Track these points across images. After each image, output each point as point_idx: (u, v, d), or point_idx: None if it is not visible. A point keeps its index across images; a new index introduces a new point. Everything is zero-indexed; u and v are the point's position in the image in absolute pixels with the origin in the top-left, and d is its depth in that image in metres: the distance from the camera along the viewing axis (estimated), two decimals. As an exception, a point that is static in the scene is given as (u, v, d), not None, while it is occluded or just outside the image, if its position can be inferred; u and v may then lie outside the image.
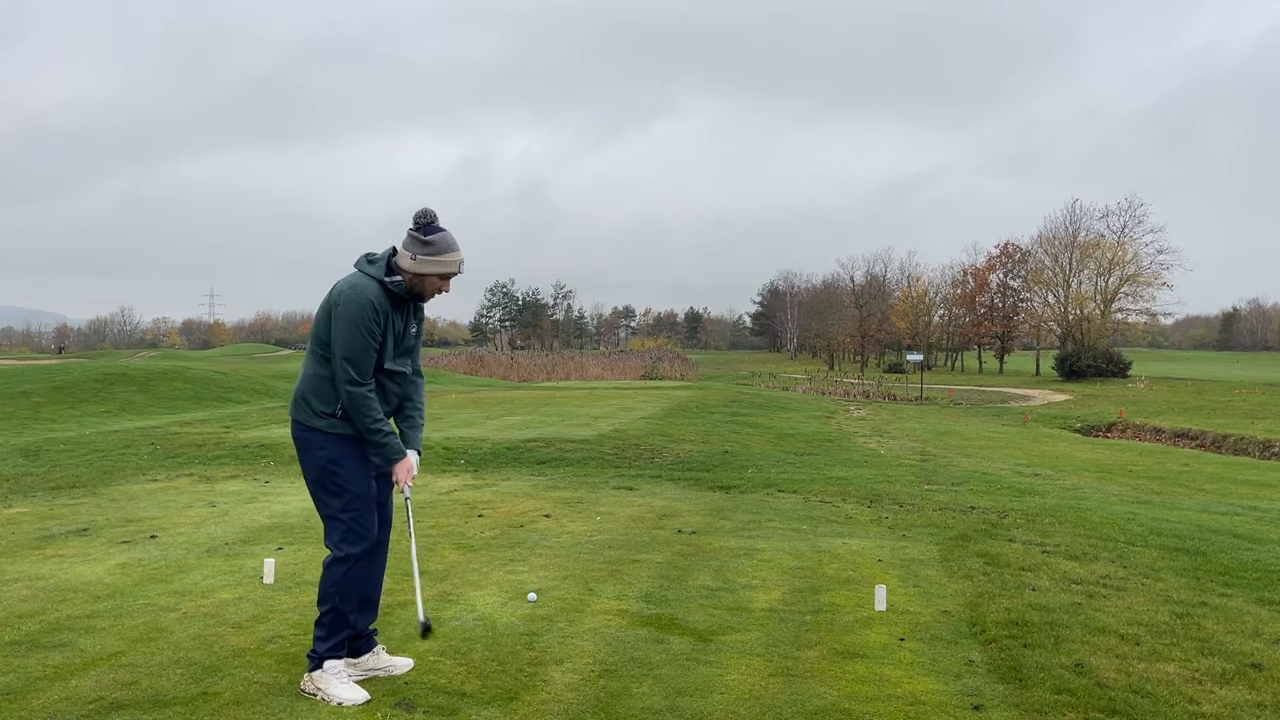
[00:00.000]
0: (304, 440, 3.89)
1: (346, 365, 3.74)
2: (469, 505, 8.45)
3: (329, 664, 3.87)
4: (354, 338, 3.74)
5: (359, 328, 3.73)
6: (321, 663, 3.87)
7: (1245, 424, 28.53)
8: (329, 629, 3.89)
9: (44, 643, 4.38)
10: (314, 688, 3.83)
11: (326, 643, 3.88)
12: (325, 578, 3.90)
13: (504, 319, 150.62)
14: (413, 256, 3.84)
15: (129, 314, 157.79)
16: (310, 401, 3.86)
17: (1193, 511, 9.45)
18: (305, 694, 3.84)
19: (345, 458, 3.86)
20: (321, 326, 3.84)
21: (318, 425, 3.85)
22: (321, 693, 3.80)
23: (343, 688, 3.81)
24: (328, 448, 3.85)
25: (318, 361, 3.86)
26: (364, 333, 3.75)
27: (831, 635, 4.68)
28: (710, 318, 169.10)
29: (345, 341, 3.74)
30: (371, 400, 3.81)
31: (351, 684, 3.85)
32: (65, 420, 19.04)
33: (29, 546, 6.52)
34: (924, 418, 28.53)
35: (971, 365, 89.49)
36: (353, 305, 3.74)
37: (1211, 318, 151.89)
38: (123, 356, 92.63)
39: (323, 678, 3.84)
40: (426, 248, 3.84)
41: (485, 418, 18.89)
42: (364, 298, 3.75)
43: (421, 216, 3.85)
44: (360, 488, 3.89)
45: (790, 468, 12.91)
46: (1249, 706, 3.88)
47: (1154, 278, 64.60)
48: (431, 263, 3.85)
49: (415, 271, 3.86)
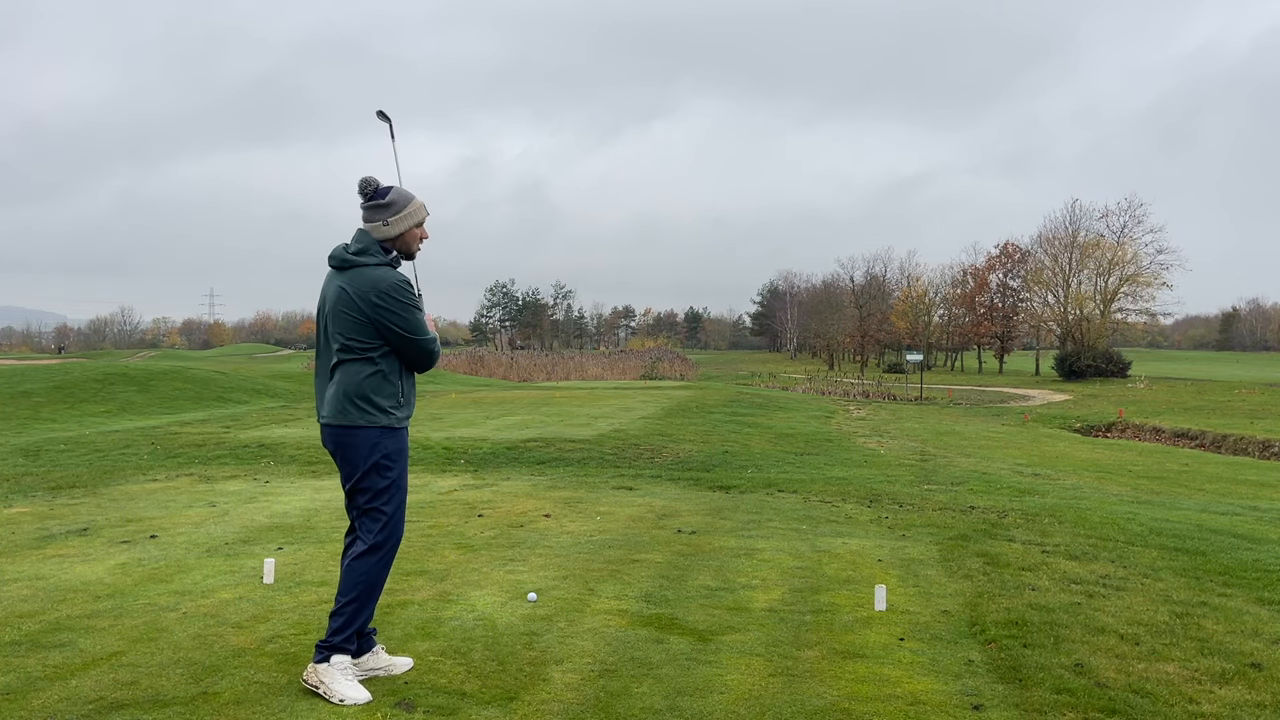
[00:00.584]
0: (355, 439, 3.89)
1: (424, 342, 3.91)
2: (469, 505, 8.45)
3: (337, 659, 3.85)
4: (415, 315, 3.89)
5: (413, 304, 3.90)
6: (330, 656, 3.85)
7: (1245, 424, 28.53)
8: (348, 619, 3.88)
9: (44, 643, 4.38)
10: (317, 680, 3.81)
11: (342, 634, 3.87)
12: (359, 567, 3.89)
13: (504, 319, 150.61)
14: (384, 223, 3.93)
15: (129, 314, 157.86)
16: (372, 399, 3.87)
17: (1193, 511, 9.45)
18: (307, 686, 3.82)
19: (397, 452, 3.95)
20: (350, 327, 3.85)
21: (384, 423, 3.89)
22: (324, 686, 3.78)
23: (347, 685, 3.79)
24: (383, 442, 3.90)
25: (361, 363, 3.87)
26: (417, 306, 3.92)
27: (831, 635, 4.68)
28: (710, 318, 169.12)
29: (412, 321, 3.87)
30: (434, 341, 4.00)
31: (355, 682, 3.83)
32: (65, 420, 19.04)
33: (29, 546, 6.52)
34: (924, 418, 28.54)
35: (971, 365, 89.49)
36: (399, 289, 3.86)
37: (1211, 318, 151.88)
38: (123, 356, 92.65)
39: (329, 672, 3.82)
40: (391, 209, 3.94)
41: (485, 418, 18.89)
42: (398, 280, 3.88)
43: (366, 186, 3.94)
44: (404, 480, 4.02)
45: (790, 468, 12.91)
46: (1249, 706, 3.88)
47: (1154, 278, 64.66)
48: (403, 218, 3.95)
49: (394, 234, 3.95)
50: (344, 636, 3.87)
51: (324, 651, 3.87)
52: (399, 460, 3.96)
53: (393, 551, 3.98)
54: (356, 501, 3.97)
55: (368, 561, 3.90)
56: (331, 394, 3.92)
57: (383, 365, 3.89)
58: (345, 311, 3.84)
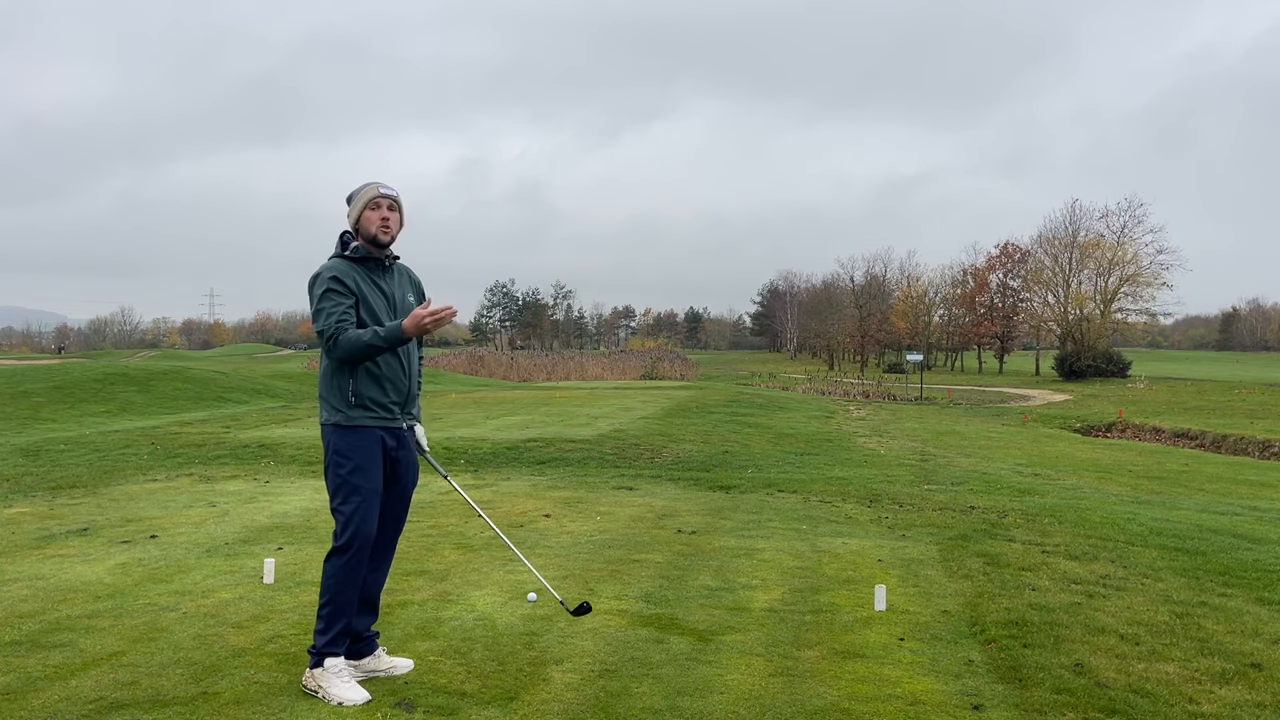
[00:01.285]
0: (323, 436, 3.96)
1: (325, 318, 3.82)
2: (469, 505, 8.44)
3: (329, 661, 3.85)
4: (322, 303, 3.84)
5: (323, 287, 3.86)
6: (322, 660, 3.85)
7: (1245, 424, 28.52)
8: (326, 622, 3.87)
9: (44, 643, 4.38)
10: (314, 685, 3.83)
11: (324, 636, 3.86)
12: (327, 570, 3.91)
13: (504, 319, 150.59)
14: (348, 216, 4.03)
15: (129, 314, 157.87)
16: (328, 399, 3.93)
17: (1192, 511, 9.45)
18: (306, 690, 3.84)
19: (352, 450, 3.86)
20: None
21: (335, 420, 3.89)
22: (322, 690, 3.79)
23: (343, 687, 3.79)
24: (335, 440, 3.88)
25: (323, 358, 3.96)
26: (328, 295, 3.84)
27: (831, 635, 4.68)
28: (710, 318, 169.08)
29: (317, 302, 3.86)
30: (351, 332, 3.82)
31: (352, 683, 3.83)
32: (65, 420, 19.03)
33: (29, 546, 6.52)
34: (924, 418, 28.53)
35: (971, 365, 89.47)
36: (315, 280, 3.91)
37: (1211, 318, 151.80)
38: (123, 356, 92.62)
39: (323, 675, 3.82)
40: (350, 200, 4.03)
41: (485, 418, 18.89)
42: (323, 270, 3.92)
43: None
44: (362, 477, 3.87)
45: (790, 468, 12.91)
46: (1249, 706, 3.88)
47: (1154, 278, 64.66)
48: (356, 203, 3.98)
49: (353, 221, 4.00)
50: (327, 639, 3.86)
51: (315, 656, 3.88)
52: (354, 458, 3.86)
53: (360, 554, 3.88)
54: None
55: (334, 564, 3.88)
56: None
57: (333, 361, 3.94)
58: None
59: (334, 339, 3.79)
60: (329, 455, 3.91)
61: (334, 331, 3.79)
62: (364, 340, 3.79)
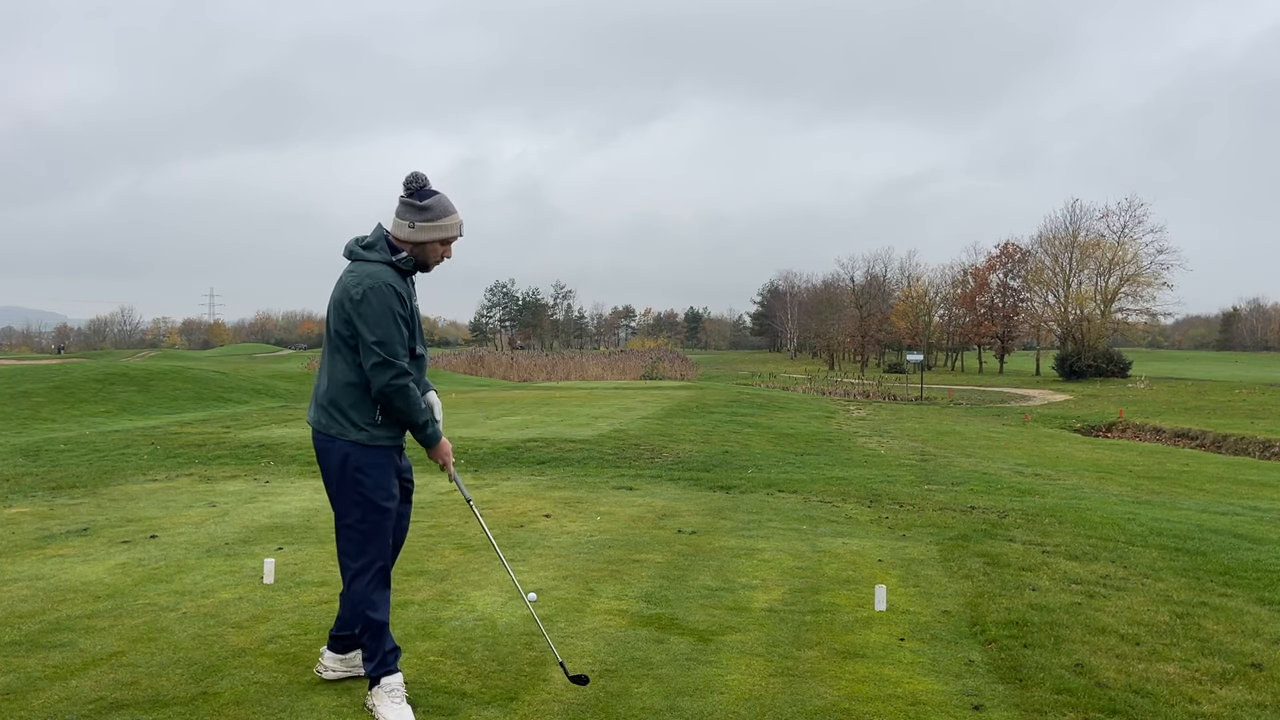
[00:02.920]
0: (330, 449, 3.70)
1: (385, 356, 3.54)
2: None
3: (385, 681, 3.70)
4: (387, 326, 3.55)
5: (390, 313, 3.56)
6: (379, 679, 3.71)
7: (1245, 424, 28.52)
8: (370, 648, 3.73)
9: (44, 643, 4.38)
10: (373, 704, 3.70)
11: (373, 662, 3.72)
12: (353, 596, 3.74)
13: (504, 319, 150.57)
14: (411, 225, 3.69)
15: (129, 314, 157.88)
16: (349, 414, 3.66)
17: (1193, 511, 9.45)
18: (367, 708, 3.72)
19: (374, 468, 3.69)
20: (344, 324, 3.61)
21: (356, 439, 3.66)
22: (376, 710, 3.67)
23: (393, 708, 3.64)
24: (359, 456, 3.67)
25: (350, 368, 3.64)
26: (394, 318, 3.57)
27: (831, 635, 4.68)
28: (710, 318, 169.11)
29: (383, 332, 3.54)
30: (414, 389, 3.65)
31: (404, 705, 3.66)
32: (65, 420, 19.03)
33: (29, 546, 6.52)
34: (924, 418, 28.53)
35: (971, 365, 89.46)
36: (379, 292, 3.56)
37: (1211, 318, 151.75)
38: (123, 356, 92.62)
39: (378, 694, 3.70)
40: (424, 214, 3.69)
41: (485, 418, 18.88)
42: (384, 281, 3.58)
43: (413, 181, 3.69)
44: (384, 497, 3.73)
45: (790, 468, 12.91)
46: (1249, 706, 3.87)
47: (1154, 278, 64.67)
48: (432, 228, 3.70)
49: (416, 240, 3.70)
50: (375, 664, 3.73)
51: (371, 679, 3.76)
52: (374, 476, 3.69)
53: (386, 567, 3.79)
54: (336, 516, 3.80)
55: (359, 585, 3.75)
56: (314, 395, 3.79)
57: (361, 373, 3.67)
58: (342, 307, 3.63)
59: (397, 385, 3.58)
60: (347, 472, 3.68)
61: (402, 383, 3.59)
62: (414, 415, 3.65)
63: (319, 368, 3.83)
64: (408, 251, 3.72)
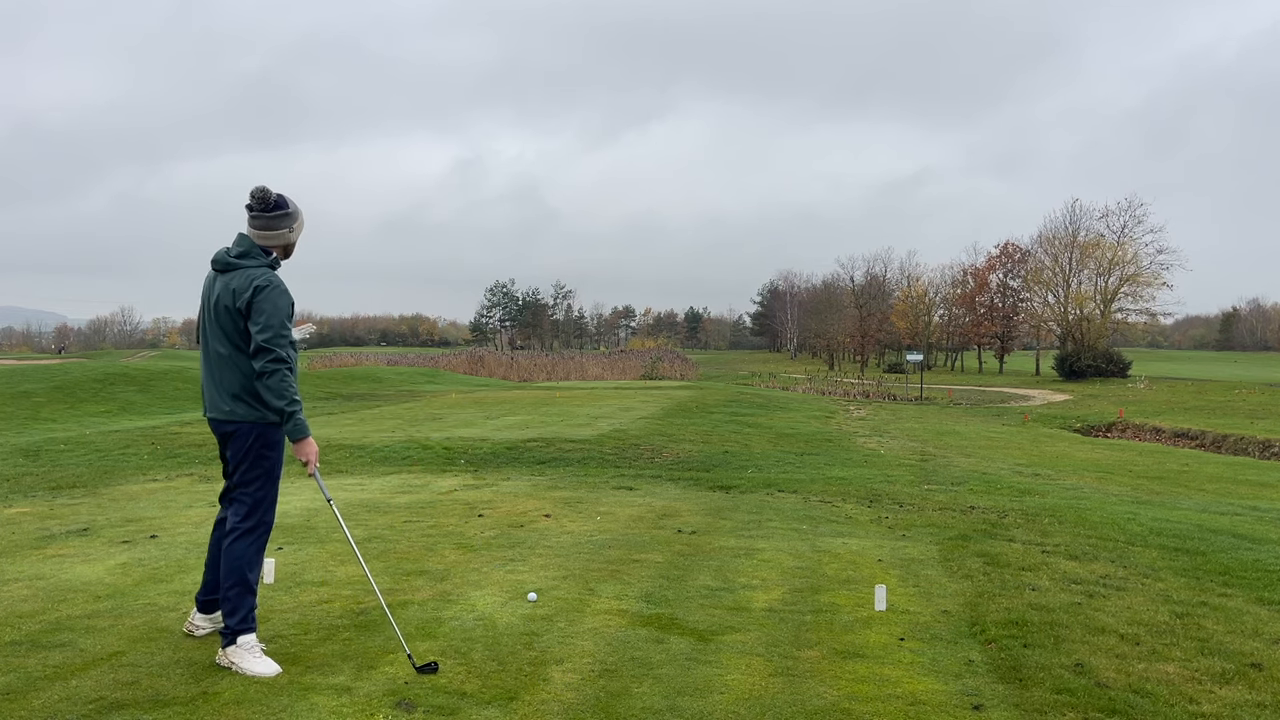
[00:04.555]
0: (249, 434, 4.19)
1: (277, 347, 4.05)
2: (469, 505, 8.45)
3: (242, 639, 4.10)
4: (284, 321, 4.12)
5: (287, 310, 4.15)
6: (235, 638, 4.10)
7: (1245, 424, 28.52)
8: (235, 603, 4.15)
9: (44, 643, 4.38)
10: (228, 662, 4.09)
11: (236, 616, 4.13)
12: (233, 553, 4.17)
13: (504, 319, 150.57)
14: (289, 230, 4.29)
15: (129, 314, 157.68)
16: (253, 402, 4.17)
17: (1193, 511, 9.45)
18: (220, 665, 4.10)
19: (277, 445, 4.27)
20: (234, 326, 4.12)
21: (266, 419, 4.18)
22: (236, 666, 4.06)
23: (256, 661, 4.06)
24: (273, 435, 4.23)
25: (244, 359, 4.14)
26: (288, 314, 4.16)
27: (831, 635, 4.68)
28: (710, 318, 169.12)
29: (279, 324, 4.08)
30: (293, 385, 4.15)
31: (265, 658, 4.09)
32: (65, 420, 19.03)
33: (29, 546, 6.52)
34: (924, 418, 28.53)
35: (971, 365, 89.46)
36: (282, 292, 4.14)
37: (1211, 318, 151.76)
38: (123, 356, 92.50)
39: (237, 653, 4.08)
40: (294, 218, 4.30)
41: (485, 418, 18.88)
42: (283, 283, 4.18)
43: (267, 196, 4.21)
44: (280, 471, 4.33)
45: (790, 468, 12.91)
46: (1249, 706, 3.88)
47: (1154, 278, 64.62)
48: (301, 225, 4.36)
49: (292, 242, 4.34)
50: (239, 619, 4.13)
51: (228, 636, 4.14)
52: (279, 450, 4.27)
53: (268, 533, 4.29)
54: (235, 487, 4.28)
55: (245, 545, 4.20)
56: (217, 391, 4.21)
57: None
58: (231, 307, 4.12)
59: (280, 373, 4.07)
60: (253, 448, 4.18)
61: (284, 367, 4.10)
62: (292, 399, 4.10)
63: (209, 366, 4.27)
64: (277, 253, 4.31)
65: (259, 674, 4.01)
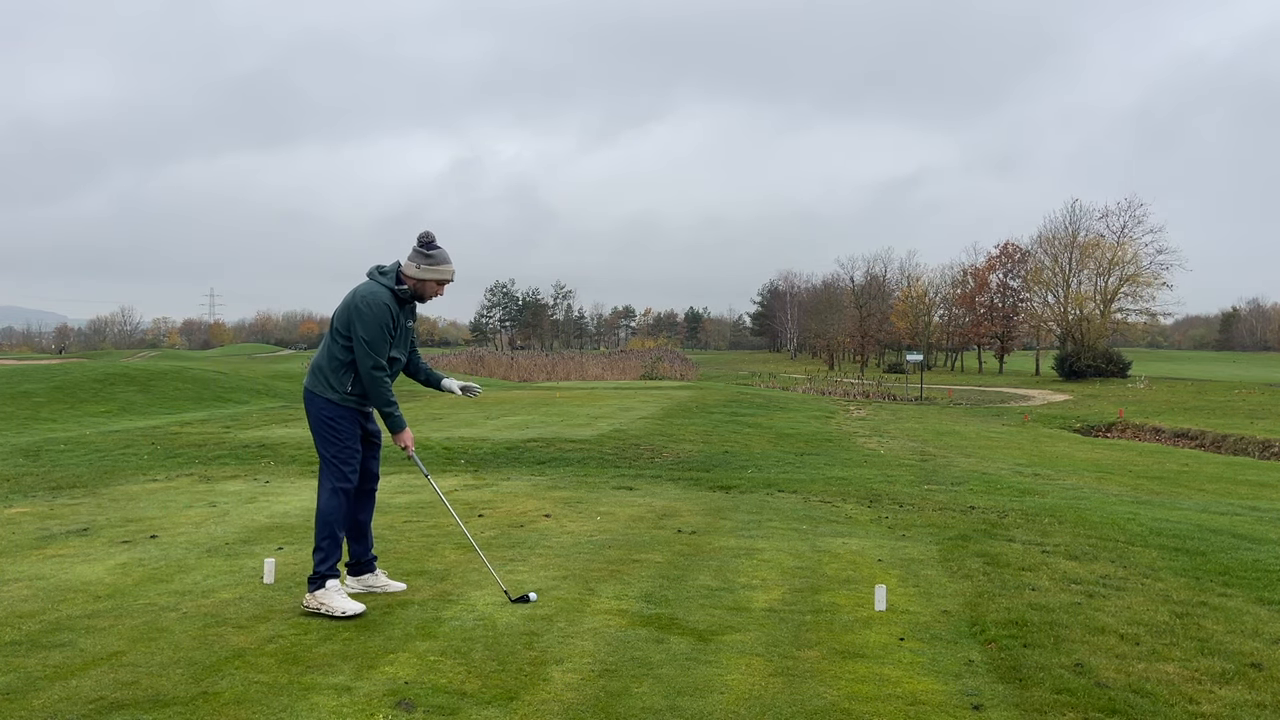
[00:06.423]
0: (313, 402, 5.00)
1: (371, 353, 4.84)
2: (469, 505, 8.45)
3: (330, 582, 4.81)
4: (375, 332, 4.84)
5: (379, 324, 4.85)
6: (324, 581, 4.79)
7: (1245, 424, 28.53)
8: (327, 552, 4.84)
9: (44, 643, 4.38)
10: (317, 604, 4.76)
11: (327, 563, 4.82)
12: (324, 508, 4.88)
13: (504, 319, 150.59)
14: (418, 266, 4.98)
15: (129, 314, 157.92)
16: (329, 378, 4.94)
17: (1192, 511, 9.45)
18: (308, 609, 4.77)
19: (340, 418, 4.96)
20: (342, 321, 4.92)
21: (329, 396, 4.94)
22: (325, 606, 4.74)
23: (343, 600, 4.78)
24: (330, 409, 4.95)
25: (338, 348, 4.93)
26: (382, 328, 4.86)
27: (831, 635, 4.68)
28: (710, 318, 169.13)
29: (370, 334, 4.82)
30: (388, 381, 4.92)
31: (349, 598, 4.82)
32: (65, 420, 19.02)
33: (29, 546, 6.52)
34: (924, 418, 28.53)
35: (971, 365, 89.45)
36: (375, 306, 4.85)
37: (1211, 318, 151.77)
38: (123, 356, 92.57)
39: (326, 594, 4.77)
40: (429, 260, 5.00)
41: (485, 418, 18.88)
42: (381, 300, 4.87)
43: (425, 236, 5.00)
44: (350, 441, 4.98)
45: (790, 468, 12.91)
46: (1249, 706, 3.88)
47: (1153, 278, 64.65)
48: (432, 271, 5.02)
49: (419, 278, 5.00)
50: (329, 565, 4.83)
51: (316, 580, 4.81)
52: (341, 424, 4.95)
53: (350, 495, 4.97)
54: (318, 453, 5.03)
55: (332, 503, 4.89)
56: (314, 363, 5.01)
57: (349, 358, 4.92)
58: (345, 307, 4.94)
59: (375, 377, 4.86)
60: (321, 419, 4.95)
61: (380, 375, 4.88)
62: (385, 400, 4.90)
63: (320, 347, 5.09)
64: (410, 285, 5.00)
65: (349, 611, 4.71)
